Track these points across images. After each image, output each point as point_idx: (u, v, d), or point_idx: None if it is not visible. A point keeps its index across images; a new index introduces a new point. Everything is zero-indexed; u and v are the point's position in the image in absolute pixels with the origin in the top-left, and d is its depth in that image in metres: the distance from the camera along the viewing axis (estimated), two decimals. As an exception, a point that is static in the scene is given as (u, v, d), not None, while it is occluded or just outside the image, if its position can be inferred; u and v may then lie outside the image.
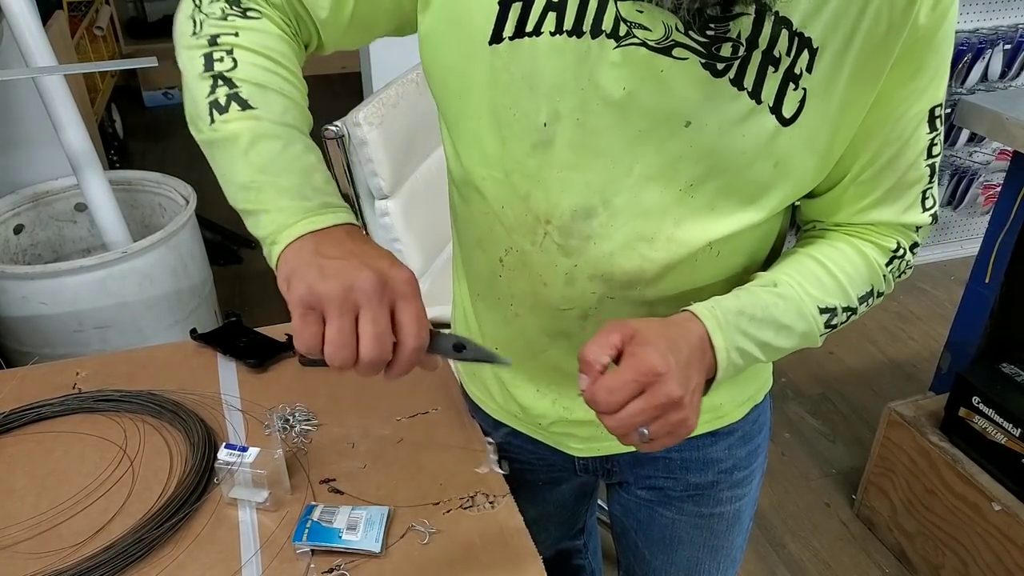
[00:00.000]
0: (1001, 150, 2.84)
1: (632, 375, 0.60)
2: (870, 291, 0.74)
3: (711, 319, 0.66)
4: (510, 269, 0.76)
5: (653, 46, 0.61)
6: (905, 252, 0.75)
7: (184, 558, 0.82)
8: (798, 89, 0.62)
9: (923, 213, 0.73)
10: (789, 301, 0.70)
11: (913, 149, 0.69)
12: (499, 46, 0.64)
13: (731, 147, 0.64)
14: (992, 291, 1.78)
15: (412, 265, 1.62)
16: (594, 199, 0.68)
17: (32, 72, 1.87)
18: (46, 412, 1.02)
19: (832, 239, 0.75)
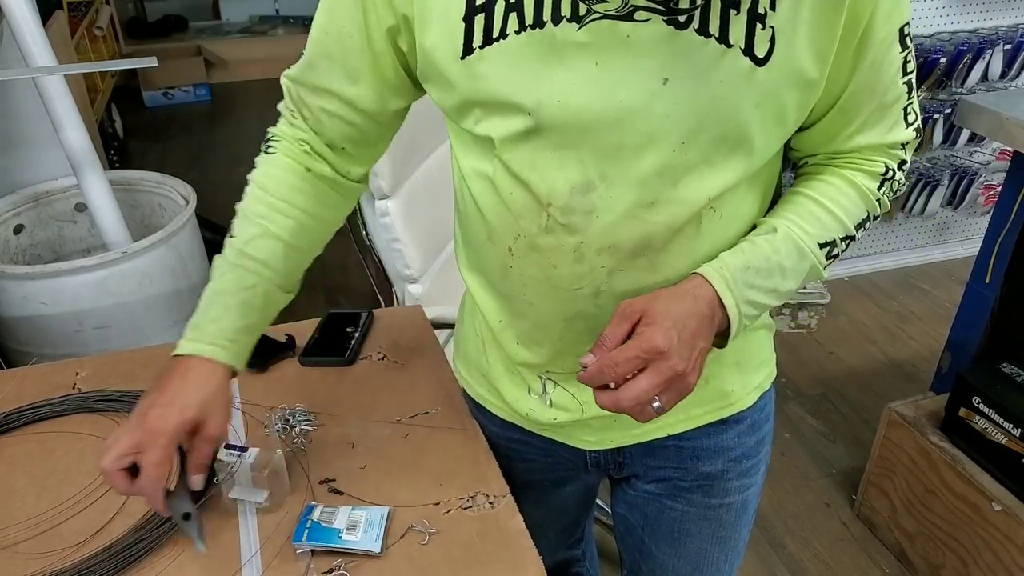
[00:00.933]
0: (1001, 150, 2.84)
1: (636, 352, 0.67)
2: (865, 217, 0.79)
3: (719, 279, 0.72)
4: (519, 257, 0.78)
5: (614, 15, 0.64)
6: (894, 173, 0.78)
7: (184, 558, 0.82)
8: (766, 28, 0.64)
9: (907, 128, 0.76)
10: (790, 243, 0.75)
11: (888, 70, 0.71)
12: (471, 57, 0.69)
13: (711, 95, 0.66)
14: (992, 291, 1.78)
15: (412, 265, 1.62)
16: (590, 173, 0.70)
17: (32, 72, 1.87)
18: (46, 412, 1.02)
19: (823, 175, 0.79)
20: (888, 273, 3.03)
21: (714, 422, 0.89)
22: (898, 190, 0.81)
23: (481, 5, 0.67)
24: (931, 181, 2.81)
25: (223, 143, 4.14)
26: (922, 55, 2.53)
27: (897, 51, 0.71)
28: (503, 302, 0.85)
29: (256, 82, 4.96)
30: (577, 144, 0.69)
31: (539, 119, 0.69)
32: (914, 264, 3.08)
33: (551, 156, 0.70)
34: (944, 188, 2.84)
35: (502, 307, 0.86)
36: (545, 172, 0.71)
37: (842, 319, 2.75)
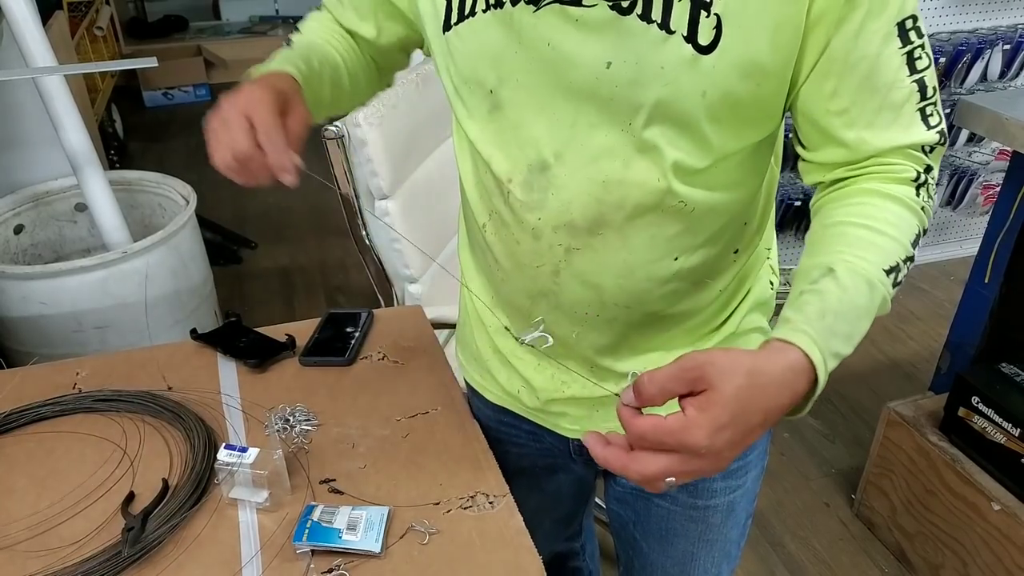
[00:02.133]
0: (1000, 150, 2.84)
1: (669, 439, 0.56)
2: (918, 232, 0.70)
3: (804, 337, 0.61)
4: (491, 233, 0.82)
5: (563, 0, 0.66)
6: (925, 177, 0.71)
7: (184, 558, 0.82)
8: (711, 16, 0.63)
9: (928, 130, 0.69)
10: (856, 277, 0.65)
11: (888, 67, 0.66)
12: (450, 32, 0.74)
13: (654, 80, 0.66)
14: (991, 291, 1.78)
15: (412, 264, 1.62)
16: (545, 152, 0.73)
17: (32, 72, 1.87)
18: (46, 412, 1.02)
19: (854, 198, 0.70)
20: (887, 273, 3.03)
21: None
22: (932, 196, 0.72)
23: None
24: (930, 181, 2.81)
25: (223, 143, 4.13)
26: (921, 55, 2.53)
27: (896, 46, 0.66)
28: (485, 280, 0.90)
29: (256, 82, 4.95)
30: (533, 123, 0.72)
31: (499, 97, 0.72)
32: (913, 264, 3.07)
33: (511, 135, 0.74)
34: (943, 188, 2.84)
35: (486, 285, 0.90)
36: (507, 150, 0.75)
37: (841, 319, 2.75)
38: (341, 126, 1.44)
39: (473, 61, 0.73)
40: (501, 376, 0.93)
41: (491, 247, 0.83)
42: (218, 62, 4.91)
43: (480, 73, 0.73)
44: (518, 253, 0.80)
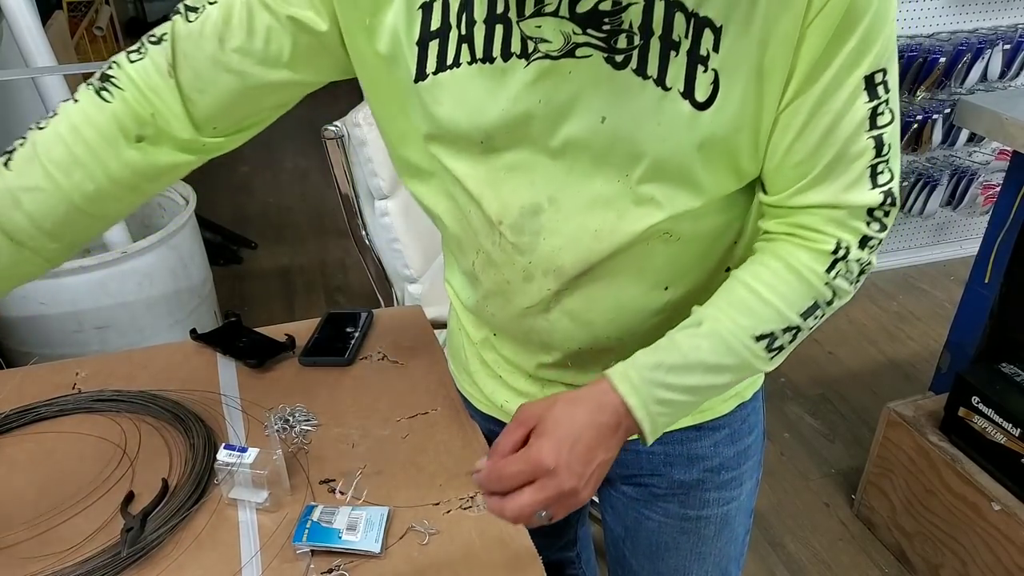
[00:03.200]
0: (1000, 150, 2.84)
1: (522, 466, 0.65)
2: (813, 305, 0.71)
3: (624, 383, 0.69)
4: (480, 270, 0.80)
5: (555, 56, 0.63)
6: (849, 251, 0.69)
7: (184, 559, 0.82)
8: (708, 71, 0.62)
9: (872, 189, 0.67)
10: (715, 338, 0.70)
11: (849, 120, 0.64)
12: (424, 83, 0.69)
13: (651, 136, 0.65)
14: (991, 291, 1.78)
15: (412, 264, 1.62)
16: (539, 196, 0.71)
17: (32, 72, 1.87)
18: (46, 412, 1.02)
19: (765, 256, 0.72)
20: (887, 273, 3.03)
21: (686, 428, 0.89)
22: (860, 271, 0.71)
23: (436, 31, 0.67)
24: (930, 181, 2.82)
25: (223, 143, 4.14)
26: (922, 55, 2.53)
27: (863, 100, 0.64)
28: (473, 315, 0.88)
29: (256, 82, 4.95)
30: (528, 167, 0.70)
31: (491, 144, 0.69)
32: (913, 264, 3.08)
33: (503, 175, 0.71)
34: (943, 188, 2.84)
35: (471, 312, 0.89)
36: (497, 191, 0.72)
37: (841, 319, 2.75)
38: (341, 126, 1.45)
39: (456, 113, 0.69)
40: (487, 388, 0.93)
41: (481, 282, 0.82)
42: (218, 62, 4.90)
43: (464, 125, 0.69)
44: (508, 291, 0.79)
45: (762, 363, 0.72)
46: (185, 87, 0.73)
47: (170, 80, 0.72)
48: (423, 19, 0.67)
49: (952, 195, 2.88)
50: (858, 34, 0.61)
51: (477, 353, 0.92)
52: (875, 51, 0.62)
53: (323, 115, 1.51)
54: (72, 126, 0.72)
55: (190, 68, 0.72)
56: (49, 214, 0.73)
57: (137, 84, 0.73)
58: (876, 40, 0.62)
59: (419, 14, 0.67)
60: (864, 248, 0.70)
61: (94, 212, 0.75)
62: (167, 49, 0.72)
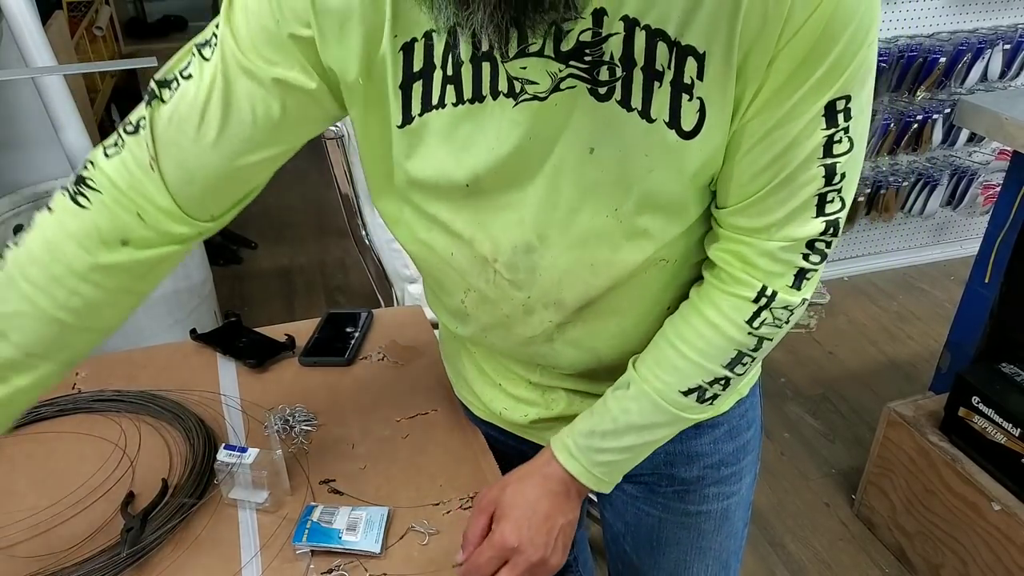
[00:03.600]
0: (1000, 150, 2.84)
1: (491, 552, 0.75)
2: (737, 355, 0.71)
3: (563, 451, 0.77)
4: (474, 306, 0.79)
5: (543, 96, 0.61)
6: (774, 296, 0.68)
7: (184, 559, 0.82)
8: (693, 100, 0.60)
9: (816, 218, 0.65)
10: (643, 400, 0.74)
11: (803, 148, 0.62)
12: (411, 126, 0.66)
13: (639, 168, 0.64)
14: (992, 291, 1.78)
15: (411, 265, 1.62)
16: (529, 234, 0.69)
17: (32, 72, 1.87)
18: (46, 412, 1.02)
19: (689, 312, 0.72)
20: (887, 273, 3.03)
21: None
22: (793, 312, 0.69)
23: (418, 72, 0.64)
24: (930, 181, 2.82)
25: (223, 143, 4.14)
26: (921, 55, 2.53)
27: (820, 128, 0.61)
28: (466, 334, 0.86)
29: (256, 82, 4.96)
30: (516, 205, 0.68)
31: (477, 188, 0.68)
32: (913, 264, 3.08)
33: (490, 216, 0.69)
34: (943, 188, 2.84)
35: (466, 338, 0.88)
36: (488, 230, 0.70)
37: (841, 319, 2.75)
38: (341, 126, 1.45)
39: (441, 154, 0.66)
40: (486, 396, 0.92)
41: (475, 318, 0.80)
42: (218, 62, 4.90)
43: (447, 168, 0.67)
44: (508, 324, 0.78)
45: (697, 412, 0.75)
46: (170, 179, 0.68)
47: (153, 174, 0.68)
48: (404, 61, 0.64)
49: (952, 195, 2.88)
50: (827, 63, 0.58)
51: (475, 362, 0.91)
52: (843, 79, 0.59)
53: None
54: (46, 242, 0.68)
55: (172, 158, 0.67)
56: (38, 338, 0.69)
57: (117, 184, 0.68)
58: (846, 68, 0.59)
59: (400, 56, 0.64)
60: (799, 286, 0.68)
61: (89, 326, 0.72)
62: (146, 139, 0.68)
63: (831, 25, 0.57)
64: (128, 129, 0.69)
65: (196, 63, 0.66)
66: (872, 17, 0.59)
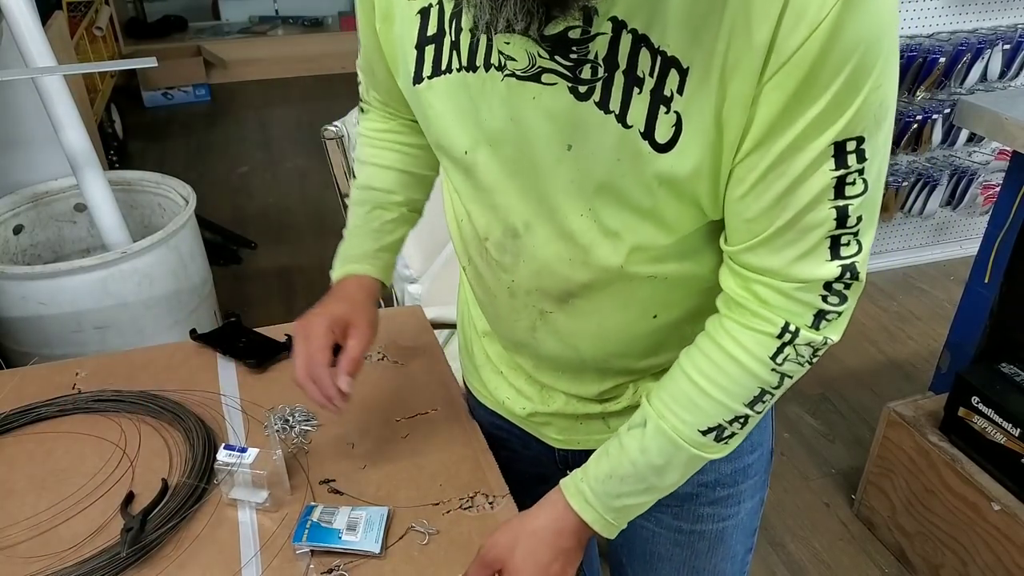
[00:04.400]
0: (1000, 150, 2.84)
1: None
2: (760, 393, 0.69)
3: (578, 498, 0.75)
4: (472, 280, 0.83)
5: (520, 75, 0.62)
6: (797, 333, 0.66)
7: (184, 559, 0.82)
8: (670, 112, 0.59)
9: (831, 261, 0.63)
10: (662, 438, 0.71)
11: (809, 187, 0.59)
12: (420, 86, 0.70)
13: (611, 171, 0.63)
14: (991, 291, 1.78)
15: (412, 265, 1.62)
16: (515, 220, 0.71)
17: (32, 72, 1.87)
18: (45, 412, 1.02)
19: (708, 344, 0.70)
20: (887, 273, 3.03)
21: None
22: (817, 351, 0.68)
23: (432, 36, 0.67)
24: (930, 181, 2.81)
25: (223, 143, 4.14)
26: (921, 55, 2.53)
27: (828, 167, 0.58)
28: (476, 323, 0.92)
29: (256, 82, 4.96)
30: (505, 190, 0.70)
31: (472, 160, 0.70)
32: (913, 264, 3.08)
33: (485, 196, 0.72)
34: (943, 188, 2.84)
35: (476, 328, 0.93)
36: (483, 208, 0.73)
37: (841, 319, 2.75)
38: (341, 126, 1.44)
39: (445, 120, 0.69)
40: (491, 383, 0.93)
41: (475, 289, 0.85)
42: (217, 62, 4.91)
43: (452, 133, 0.70)
44: (496, 304, 0.81)
45: (714, 452, 0.72)
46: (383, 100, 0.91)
47: (379, 97, 0.92)
48: (421, 23, 0.68)
49: (952, 195, 2.88)
50: (826, 98, 0.55)
51: (483, 346, 0.93)
52: (848, 117, 0.56)
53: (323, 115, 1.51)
54: (364, 134, 0.95)
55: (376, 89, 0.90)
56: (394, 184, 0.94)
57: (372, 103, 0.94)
58: (850, 106, 0.56)
59: (417, 19, 0.68)
60: (818, 327, 0.66)
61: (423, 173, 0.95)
62: (363, 84, 0.92)
63: (828, 58, 0.54)
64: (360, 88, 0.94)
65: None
66: (882, 58, 0.56)
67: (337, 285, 0.92)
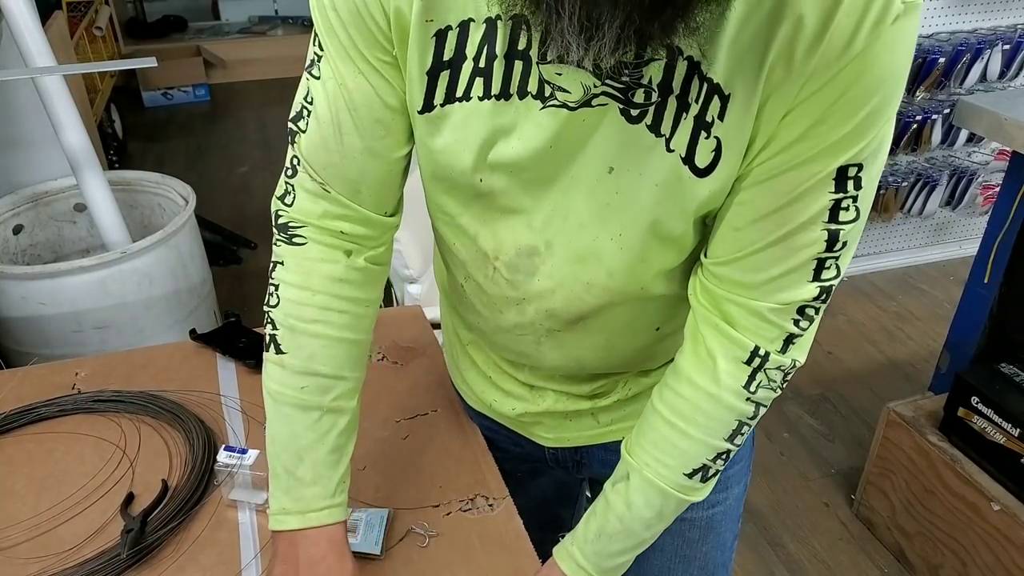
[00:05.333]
0: (1000, 150, 2.84)
1: None
2: (738, 426, 0.70)
3: (568, 562, 0.75)
4: (471, 294, 0.79)
5: (572, 106, 0.61)
6: (767, 358, 0.66)
7: (184, 560, 0.82)
8: (710, 138, 0.60)
9: (811, 283, 0.64)
10: (648, 490, 0.71)
11: (807, 207, 0.60)
12: (431, 114, 0.66)
13: (650, 195, 0.63)
14: (991, 291, 1.78)
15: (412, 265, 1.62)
16: (536, 239, 0.69)
17: (32, 72, 1.86)
18: (45, 413, 1.02)
19: (680, 382, 0.70)
20: (887, 273, 3.03)
21: None
22: (787, 374, 0.68)
23: (448, 61, 0.63)
24: (929, 181, 2.82)
25: (222, 143, 4.14)
26: (921, 55, 2.53)
27: (828, 190, 0.60)
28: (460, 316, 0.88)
29: (255, 82, 4.96)
30: (527, 209, 0.68)
31: (488, 186, 0.67)
32: (913, 264, 3.08)
33: (498, 216, 0.70)
34: (943, 188, 2.84)
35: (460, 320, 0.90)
36: (493, 229, 0.71)
37: (841, 319, 2.75)
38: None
39: (459, 149, 0.66)
40: (477, 387, 0.93)
41: (472, 303, 0.81)
42: (217, 62, 4.90)
43: (462, 159, 0.66)
44: (499, 319, 0.78)
45: (699, 493, 0.73)
46: (345, 194, 0.72)
47: (332, 195, 0.72)
48: (436, 48, 0.63)
49: (951, 195, 2.88)
50: (848, 126, 0.57)
51: (468, 353, 0.93)
52: (860, 145, 0.58)
53: (323, 115, 1.51)
54: (299, 286, 0.74)
55: (337, 177, 0.71)
56: (339, 361, 0.75)
57: (311, 218, 0.73)
58: (865, 136, 0.58)
59: (432, 43, 0.63)
60: (785, 350, 0.67)
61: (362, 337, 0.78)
62: (307, 171, 0.71)
63: (858, 90, 0.56)
64: (289, 174, 0.73)
65: (312, 86, 0.68)
66: (898, 95, 0.58)
67: (307, 545, 0.74)
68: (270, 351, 0.74)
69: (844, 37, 0.54)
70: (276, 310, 0.74)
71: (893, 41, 0.55)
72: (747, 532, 1.91)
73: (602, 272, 0.69)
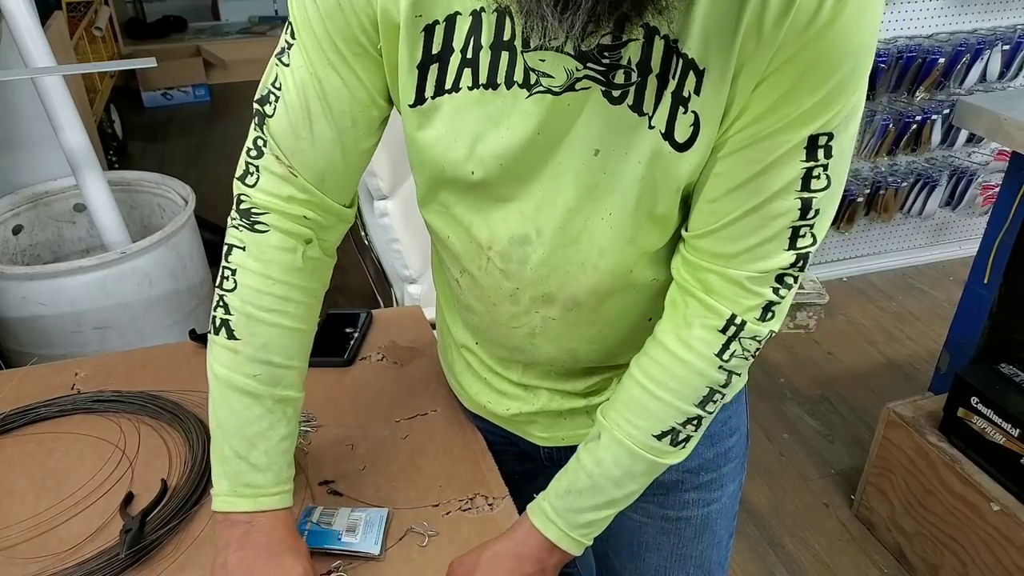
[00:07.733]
0: (999, 150, 2.84)
1: None
2: (708, 392, 0.71)
3: (539, 516, 0.76)
4: (466, 289, 0.80)
5: (556, 91, 0.62)
6: (742, 327, 0.68)
7: (184, 560, 0.82)
8: (688, 113, 0.61)
9: (787, 251, 0.65)
10: (616, 448, 0.73)
11: (779, 176, 0.62)
12: (422, 107, 0.67)
13: (634, 176, 0.65)
14: (991, 291, 1.78)
15: (411, 265, 1.62)
16: (527, 226, 0.70)
17: (31, 72, 1.86)
18: (45, 413, 1.02)
19: (655, 348, 0.72)
20: (886, 273, 3.03)
21: None
22: (760, 344, 0.70)
23: (436, 55, 0.65)
24: (929, 181, 2.82)
25: (222, 143, 4.14)
26: (920, 55, 2.53)
27: (799, 158, 0.61)
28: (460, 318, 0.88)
29: (255, 83, 4.92)
30: (518, 197, 0.69)
31: (481, 176, 0.68)
32: (912, 264, 3.08)
33: (491, 206, 0.71)
34: (942, 188, 2.84)
35: (455, 320, 0.90)
36: (486, 218, 0.72)
37: (840, 319, 2.75)
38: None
39: (450, 140, 0.67)
40: (472, 388, 0.93)
41: (463, 300, 0.82)
42: (217, 62, 4.91)
43: (453, 150, 0.67)
44: (494, 313, 0.79)
45: (671, 457, 0.74)
46: (311, 180, 0.72)
47: (297, 179, 0.72)
48: (425, 42, 0.64)
49: (951, 195, 2.88)
50: (818, 95, 0.59)
51: (462, 356, 0.93)
52: (830, 114, 0.60)
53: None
54: (259, 274, 0.74)
55: (304, 164, 0.71)
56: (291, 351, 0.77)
57: (276, 202, 0.73)
58: (836, 105, 0.59)
59: (421, 37, 0.64)
60: (763, 318, 0.68)
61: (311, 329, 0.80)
62: (275, 153, 0.71)
63: (827, 59, 0.57)
64: (252, 154, 0.72)
65: (282, 72, 0.69)
66: (868, 63, 0.60)
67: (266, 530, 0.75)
68: (220, 335, 0.74)
69: (811, 7, 0.55)
70: (232, 295, 0.74)
71: (859, 11, 0.56)
72: (747, 532, 1.91)
73: (594, 250, 0.70)
